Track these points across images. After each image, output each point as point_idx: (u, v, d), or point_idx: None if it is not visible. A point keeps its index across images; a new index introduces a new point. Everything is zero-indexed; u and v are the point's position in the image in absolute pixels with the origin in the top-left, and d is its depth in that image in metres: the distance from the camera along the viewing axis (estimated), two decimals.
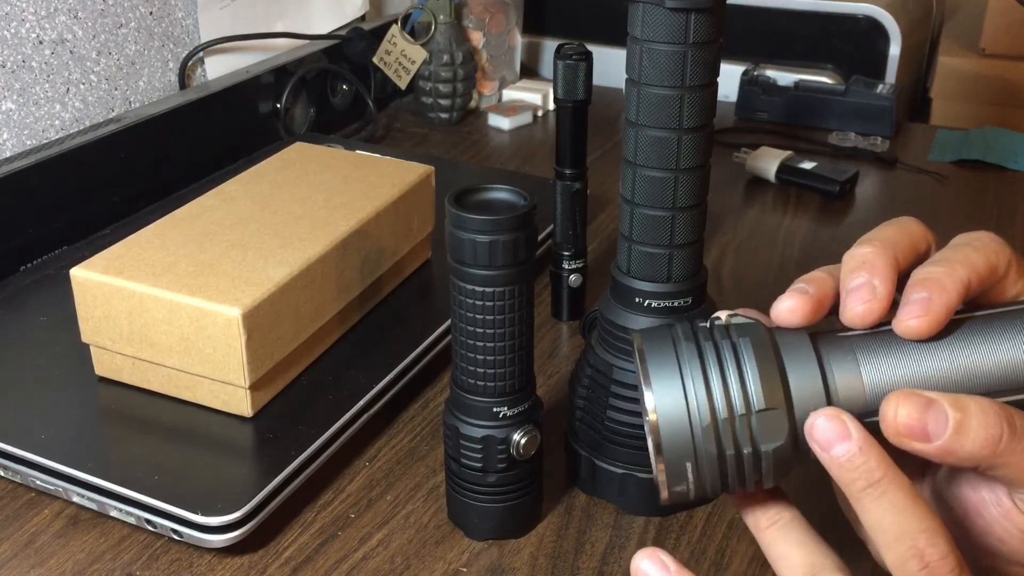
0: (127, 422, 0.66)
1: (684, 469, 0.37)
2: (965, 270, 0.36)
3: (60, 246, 0.87)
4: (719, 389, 0.36)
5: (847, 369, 0.36)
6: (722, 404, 0.36)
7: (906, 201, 1.04)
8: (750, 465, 0.36)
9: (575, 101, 0.75)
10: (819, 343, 0.37)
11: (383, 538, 0.60)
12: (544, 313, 0.82)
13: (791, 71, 1.24)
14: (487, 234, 0.51)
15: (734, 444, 0.36)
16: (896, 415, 0.34)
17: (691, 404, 0.36)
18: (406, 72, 1.21)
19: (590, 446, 0.62)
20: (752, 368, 0.36)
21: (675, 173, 0.55)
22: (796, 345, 0.37)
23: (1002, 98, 1.65)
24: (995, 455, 0.34)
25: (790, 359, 0.37)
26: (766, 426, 0.36)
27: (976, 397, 0.35)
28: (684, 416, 0.36)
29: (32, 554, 0.59)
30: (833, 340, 0.37)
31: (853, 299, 0.37)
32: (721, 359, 0.37)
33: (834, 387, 0.36)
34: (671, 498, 0.38)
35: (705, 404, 0.36)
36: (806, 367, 0.36)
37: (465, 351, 0.55)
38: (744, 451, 0.36)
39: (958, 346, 0.36)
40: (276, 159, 0.81)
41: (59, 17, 0.90)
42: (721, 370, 0.36)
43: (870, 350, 0.37)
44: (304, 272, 0.66)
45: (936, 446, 0.34)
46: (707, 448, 0.36)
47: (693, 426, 0.36)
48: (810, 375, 0.36)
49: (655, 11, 0.52)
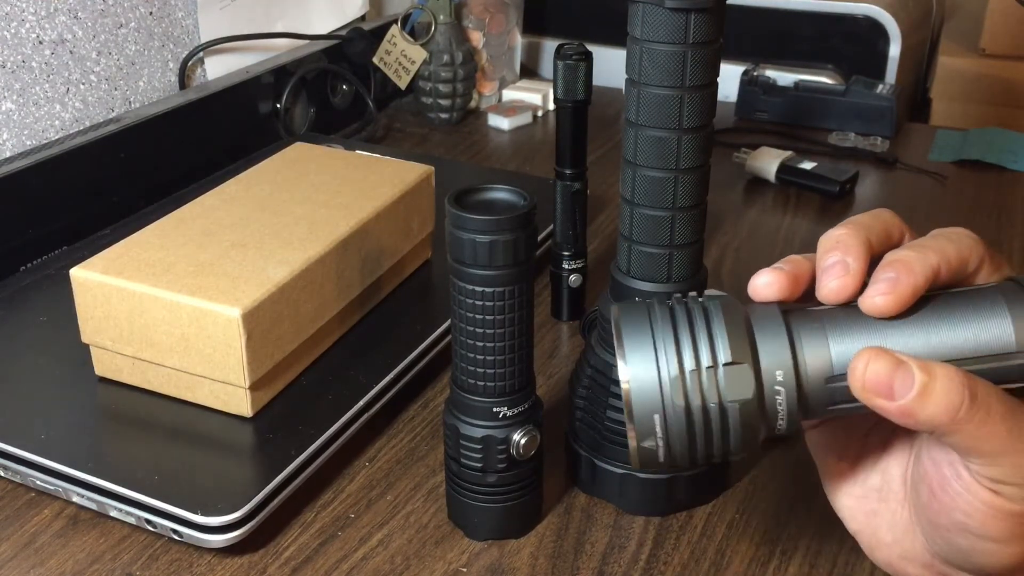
0: (127, 422, 0.66)
1: (652, 422, 0.38)
2: (935, 256, 0.38)
3: (60, 246, 0.87)
4: (688, 345, 0.37)
5: (814, 337, 0.38)
6: (690, 358, 0.37)
7: (906, 201, 1.04)
8: (717, 423, 0.37)
9: (575, 101, 0.75)
10: (788, 315, 0.39)
11: (383, 538, 0.60)
12: (544, 313, 0.82)
13: (791, 71, 1.24)
14: (487, 234, 0.51)
15: (700, 396, 0.37)
16: (865, 370, 0.36)
17: (660, 359, 0.37)
18: (406, 72, 1.21)
19: (590, 446, 0.62)
20: (720, 327, 0.37)
21: (675, 173, 0.55)
22: (765, 313, 0.39)
23: (1002, 98, 1.65)
24: (953, 422, 0.35)
25: (758, 324, 0.38)
26: (732, 380, 0.37)
27: (944, 364, 0.36)
28: (653, 370, 0.37)
29: (32, 554, 0.59)
30: (802, 313, 0.39)
31: (827, 276, 0.39)
32: (692, 321, 0.38)
33: (801, 352, 0.38)
34: (641, 457, 0.39)
35: (674, 358, 0.37)
36: (774, 332, 0.38)
37: (465, 351, 0.55)
38: (710, 404, 0.37)
39: (923, 320, 0.37)
40: (276, 159, 0.81)
41: (59, 17, 0.90)
42: (691, 330, 0.38)
43: (837, 321, 0.38)
44: (304, 272, 0.66)
45: (898, 405, 0.35)
46: (674, 400, 0.37)
47: (661, 378, 0.37)
48: (777, 339, 0.38)
49: (655, 11, 0.52)
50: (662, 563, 0.58)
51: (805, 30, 1.25)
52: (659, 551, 0.59)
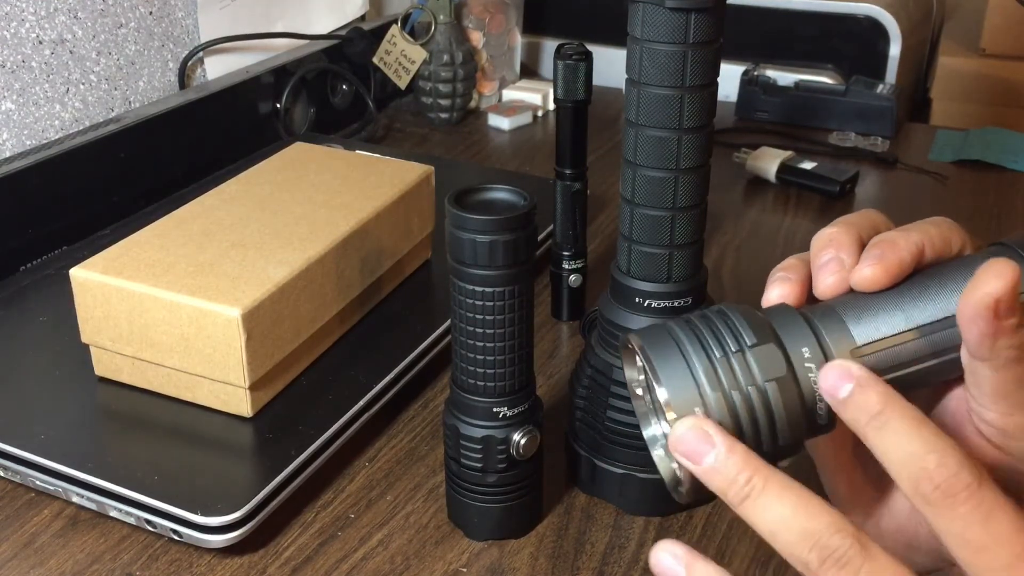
0: (127, 422, 0.66)
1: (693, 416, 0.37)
2: (918, 235, 0.39)
3: (60, 246, 0.87)
4: (714, 343, 0.38)
5: (828, 316, 0.39)
6: (715, 349, 0.38)
7: (906, 201, 1.04)
8: (760, 408, 0.37)
9: (575, 101, 0.75)
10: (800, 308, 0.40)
11: (383, 538, 0.60)
12: (544, 313, 0.82)
13: (791, 71, 1.24)
14: (487, 234, 0.51)
15: (736, 384, 0.37)
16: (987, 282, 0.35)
17: (691, 363, 0.38)
18: (406, 72, 1.21)
19: (590, 446, 0.62)
20: (738, 319, 0.38)
21: (675, 173, 0.55)
22: (778, 309, 0.40)
23: (1002, 98, 1.65)
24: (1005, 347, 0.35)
25: (774, 316, 0.39)
26: (763, 360, 0.37)
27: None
28: (688, 375, 0.37)
29: (32, 554, 0.59)
30: (812, 306, 0.40)
31: (824, 273, 0.40)
32: (713, 328, 0.38)
33: (820, 329, 0.38)
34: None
35: (701, 352, 0.38)
36: (790, 318, 0.39)
37: (465, 351, 0.55)
38: (748, 389, 0.37)
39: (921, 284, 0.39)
40: (276, 159, 0.81)
41: (59, 17, 0.90)
42: (714, 333, 0.38)
43: (843, 302, 0.39)
44: (304, 272, 0.66)
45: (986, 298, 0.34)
46: (711, 391, 0.37)
47: (693, 370, 0.37)
48: (795, 322, 0.39)
49: (655, 11, 0.52)
50: None
51: (805, 30, 1.25)
52: None
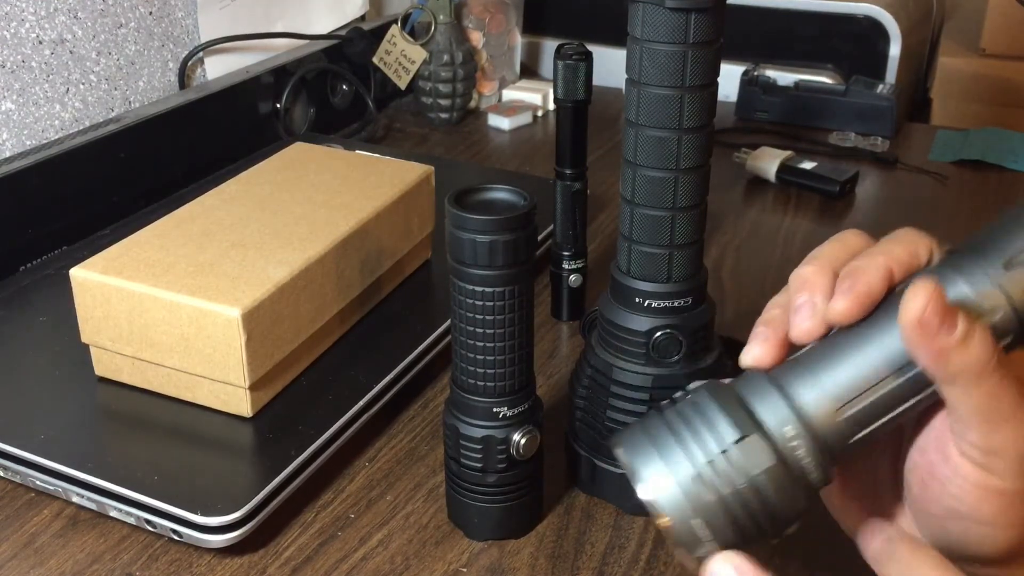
0: (127, 422, 0.66)
1: (692, 528, 0.37)
2: (883, 258, 0.39)
3: (60, 246, 0.87)
4: (693, 442, 0.37)
5: (804, 381, 0.38)
6: (699, 452, 0.37)
7: (906, 201, 1.04)
8: (755, 502, 0.37)
9: (575, 101, 0.75)
10: (773, 373, 0.39)
11: (383, 538, 0.60)
12: (544, 313, 0.82)
13: (791, 71, 1.24)
14: (487, 234, 0.51)
15: (727, 483, 0.37)
16: (922, 308, 0.36)
17: (675, 469, 0.37)
18: (406, 72, 1.21)
19: (590, 446, 0.62)
20: (715, 411, 0.38)
21: (675, 173, 0.55)
22: (751, 380, 0.39)
23: (1002, 98, 1.65)
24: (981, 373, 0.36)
25: (748, 393, 0.38)
26: (748, 454, 0.37)
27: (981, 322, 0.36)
28: (672, 482, 0.37)
29: (32, 554, 0.59)
30: (785, 366, 0.39)
31: (797, 317, 0.40)
32: (686, 419, 0.38)
33: (798, 400, 0.38)
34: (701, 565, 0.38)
35: (686, 461, 0.37)
36: (764, 393, 0.38)
37: (465, 351, 0.55)
38: (740, 486, 0.37)
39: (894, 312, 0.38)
40: (276, 159, 0.81)
41: (59, 17, 0.90)
42: (689, 427, 0.38)
43: (820, 356, 0.39)
44: (304, 272, 0.66)
45: (939, 346, 0.36)
46: (704, 498, 0.37)
47: (683, 485, 0.37)
48: (770, 398, 0.38)
49: (655, 11, 0.52)
50: (662, 563, 0.58)
51: (805, 30, 1.25)
52: (659, 551, 0.59)
